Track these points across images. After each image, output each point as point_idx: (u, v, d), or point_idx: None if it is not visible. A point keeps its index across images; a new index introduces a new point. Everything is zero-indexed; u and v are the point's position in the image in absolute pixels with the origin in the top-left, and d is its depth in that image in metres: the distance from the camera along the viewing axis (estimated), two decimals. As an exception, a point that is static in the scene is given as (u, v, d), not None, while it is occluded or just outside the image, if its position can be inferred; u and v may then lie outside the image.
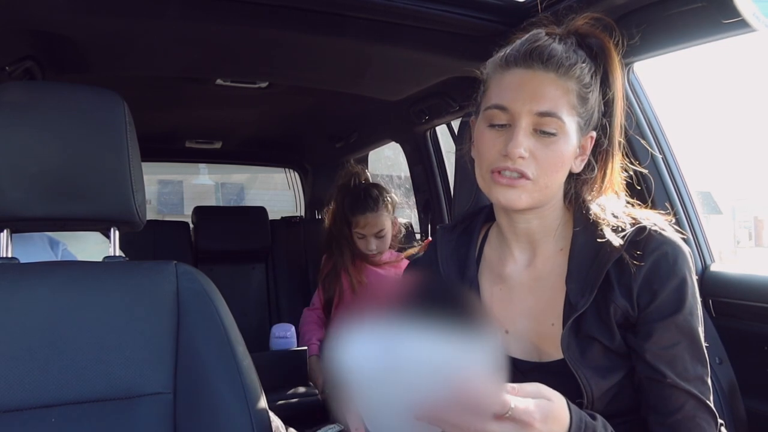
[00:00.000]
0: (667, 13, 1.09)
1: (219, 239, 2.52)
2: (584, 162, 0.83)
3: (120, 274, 0.90)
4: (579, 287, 0.78)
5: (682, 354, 0.75)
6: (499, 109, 0.78)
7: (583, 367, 0.75)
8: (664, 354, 0.74)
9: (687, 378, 0.74)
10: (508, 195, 0.77)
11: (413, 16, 1.32)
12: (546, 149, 0.76)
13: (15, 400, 0.79)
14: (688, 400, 0.74)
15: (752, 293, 1.17)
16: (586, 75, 0.78)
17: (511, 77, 0.79)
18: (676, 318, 0.75)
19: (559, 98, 0.76)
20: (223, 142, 2.91)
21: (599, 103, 0.82)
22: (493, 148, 0.78)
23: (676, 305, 0.75)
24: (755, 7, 0.81)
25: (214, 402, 0.84)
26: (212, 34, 1.48)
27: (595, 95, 0.80)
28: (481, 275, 0.90)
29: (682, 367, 0.74)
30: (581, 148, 0.81)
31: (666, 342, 0.75)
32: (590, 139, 0.82)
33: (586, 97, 0.78)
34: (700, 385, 0.75)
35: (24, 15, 1.29)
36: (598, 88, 0.81)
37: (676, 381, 0.74)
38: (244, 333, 0.93)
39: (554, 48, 0.77)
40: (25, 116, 0.88)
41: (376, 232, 1.97)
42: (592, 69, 0.80)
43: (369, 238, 1.97)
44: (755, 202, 14.86)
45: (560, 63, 0.76)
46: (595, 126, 0.82)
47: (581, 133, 0.80)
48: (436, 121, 2.10)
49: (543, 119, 0.76)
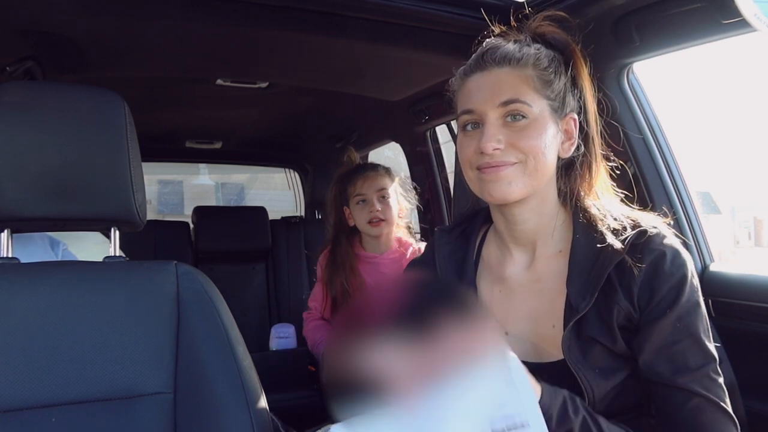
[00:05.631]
0: (666, 13, 1.09)
1: (219, 239, 2.52)
2: (573, 146, 0.83)
3: (120, 274, 0.90)
4: (580, 289, 0.78)
5: (681, 352, 0.74)
6: (467, 113, 0.82)
7: (584, 369, 0.75)
8: (662, 353, 0.74)
9: (688, 375, 0.73)
10: (499, 188, 0.79)
11: (413, 16, 1.32)
12: (521, 134, 0.79)
13: (15, 399, 0.79)
14: (689, 398, 0.73)
15: (752, 293, 1.17)
16: (543, 60, 0.81)
17: (471, 83, 0.83)
18: (671, 315, 0.74)
19: (519, 86, 0.79)
20: (223, 142, 2.92)
21: (569, 87, 0.83)
22: (469, 149, 0.81)
23: (672, 303, 0.75)
24: (756, 8, 0.81)
25: (214, 402, 0.84)
26: (212, 34, 1.48)
27: (562, 79, 0.82)
28: (480, 277, 0.90)
29: (681, 365, 0.74)
30: (565, 133, 0.83)
31: (663, 340, 0.74)
32: (573, 121, 0.83)
33: (548, 79, 0.81)
34: (705, 382, 0.73)
35: (25, 15, 1.29)
36: (564, 72, 0.82)
37: (675, 380, 0.73)
38: (244, 333, 0.93)
39: (505, 47, 0.82)
40: (25, 116, 0.88)
41: (378, 189, 1.79)
42: (550, 55, 0.82)
43: (372, 199, 1.78)
44: (755, 202, 14.86)
45: (512, 57, 0.81)
46: (577, 109, 0.84)
47: (558, 115, 0.81)
48: (436, 121, 2.10)
49: (508, 107, 0.79)
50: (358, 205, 1.81)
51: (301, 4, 1.29)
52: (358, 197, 1.80)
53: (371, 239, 1.86)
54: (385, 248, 1.86)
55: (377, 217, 1.78)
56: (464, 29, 1.35)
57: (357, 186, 1.81)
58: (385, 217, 1.79)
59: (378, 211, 1.78)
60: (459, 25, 1.34)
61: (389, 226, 1.82)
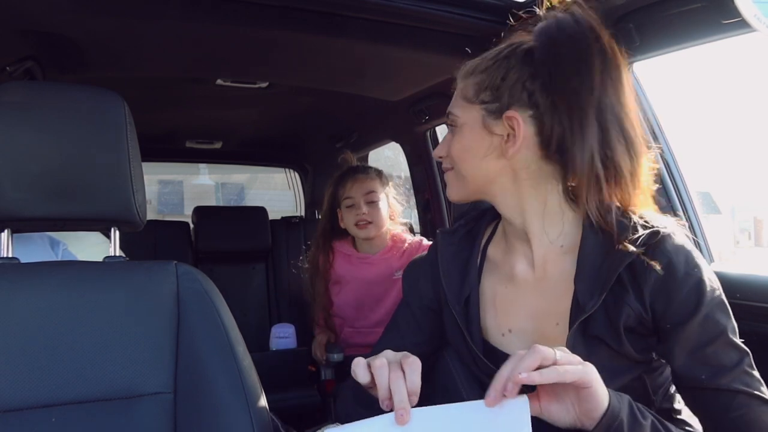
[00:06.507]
0: (666, 13, 1.09)
1: (219, 239, 2.52)
2: (515, 146, 0.80)
3: (120, 274, 0.90)
4: (588, 288, 0.77)
5: (714, 353, 0.73)
6: None
7: None
8: (696, 357, 0.73)
9: (728, 375, 0.72)
10: (446, 190, 0.91)
11: (413, 16, 1.32)
12: (451, 142, 0.87)
13: (15, 399, 0.79)
14: (734, 397, 0.72)
15: (752, 293, 1.17)
16: (481, 65, 0.84)
17: None
18: (697, 318, 0.73)
19: (455, 98, 0.88)
20: (223, 142, 2.92)
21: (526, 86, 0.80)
22: None
23: (695, 306, 0.73)
24: (756, 9, 0.81)
25: (215, 402, 0.84)
26: (212, 34, 1.48)
27: (509, 80, 0.80)
28: (485, 276, 0.90)
29: (718, 366, 0.72)
30: (509, 134, 0.81)
31: (693, 344, 0.73)
32: (514, 119, 0.80)
33: (486, 85, 0.83)
34: (745, 378, 0.73)
35: (25, 15, 1.29)
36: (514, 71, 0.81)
37: (716, 381, 0.72)
38: (244, 333, 0.93)
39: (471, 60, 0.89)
40: (25, 116, 0.88)
41: (366, 192, 1.81)
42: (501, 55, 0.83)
43: (359, 202, 1.80)
44: (755, 202, 14.87)
45: (464, 70, 0.88)
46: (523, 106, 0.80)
47: (493, 118, 0.82)
48: (436, 121, 2.10)
49: (447, 119, 0.88)
50: (347, 207, 1.84)
51: (301, 4, 1.29)
52: (348, 200, 1.84)
53: (362, 241, 1.89)
54: (378, 248, 1.88)
55: (364, 220, 1.81)
56: (464, 29, 1.36)
57: (346, 188, 1.84)
58: (372, 220, 1.81)
59: (364, 214, 1.80)
60: (459, 25, 1.34)
61: (378, 229, 1.83)
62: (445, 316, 0.93)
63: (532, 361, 0.61)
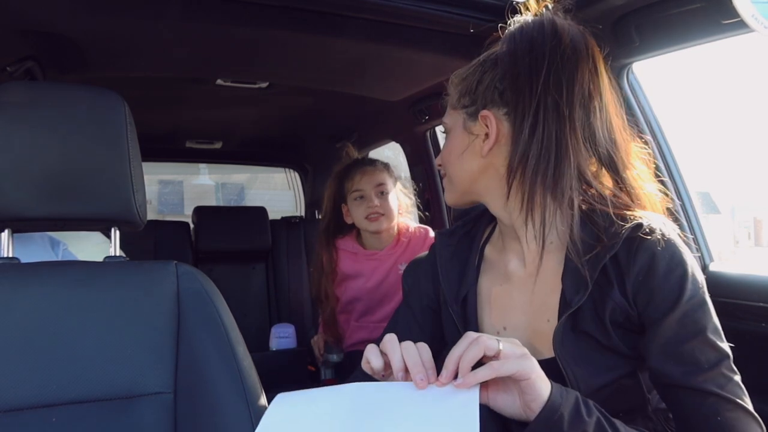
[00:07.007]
0: (666, 13, 1.09)
1: (219, 239, 2.52)
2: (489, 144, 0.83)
3: (120, 274, 0.90)
4: (574, 283, 0.77)
5: (690, 351, 0.71)
6: None
7: (573, 364, 0.75)
8: (670, 353, 0.72)
9: (701, 375, 0.70)
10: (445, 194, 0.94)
11: (413, 16, 1.32)
12: (443, 148, 0.92)
13: (15, 399, 0.79)
14: (706, 398, 0.70)
15: (752, 293, 1.17)
16: (463, 74, 0.88)
17: None
18: (675, 314, 0.72)
19: (447, 109, 0.92)
20: (223, 142, 2.92)
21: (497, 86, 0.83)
22: None
23: (674, 301, 0.72)
24: (754, 9, 0.81)
25: (215, 402, 0.84)
26: (212, 34, 1.48)
27: (484, 83, 0.84)
28: (483, 276, 0.91)
29: (693, 364, 0.71)
30: (487, 134, 0.83)
31: (668, 340, 0.72)
32: (487, 118, 0.82)
33: (465, 90, 0.87)
34: (719, 380, 0.71)
35: (25, 15, 1.29)
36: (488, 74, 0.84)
37: (687, 381, 0.71)
38: (245, 333, 0.93)
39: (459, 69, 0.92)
40: (26, 116, 0.88)
41: (377, 185, 1.74)
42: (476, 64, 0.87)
43: (370, 194, 1.73)
44: (755, 202, 14.87)
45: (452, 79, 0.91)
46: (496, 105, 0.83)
47: (472, 120, 0.85)
48: (436, 121, 2.10)
49: None
50: (356, 201, 1.77)
51: (301, 4, 1.29)
52: (356, 193, 1.76)
53: (370, 236, 1.82)
54: (386, 243, 1.82)
55: (376, 212, 1.74)
56: (464, 29, 1.35)
57: (355, 181, 1.77)
58: (384, 212, 1.75)
59: (377, 206, 1.74)
60: (459, 25, 1.34)
61: (389, 222, 1.78)
62: (444, 316, 0.93)
63: (476, 352, 0.63)
